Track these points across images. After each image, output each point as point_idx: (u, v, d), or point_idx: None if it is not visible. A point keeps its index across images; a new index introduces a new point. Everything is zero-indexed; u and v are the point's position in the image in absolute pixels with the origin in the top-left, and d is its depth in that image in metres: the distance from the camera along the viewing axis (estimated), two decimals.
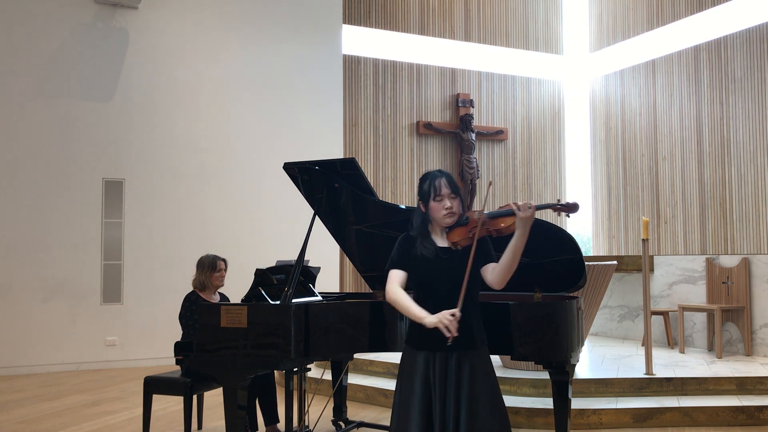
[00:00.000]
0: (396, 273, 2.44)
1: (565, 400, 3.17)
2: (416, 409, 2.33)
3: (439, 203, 2.41)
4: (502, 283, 2.38)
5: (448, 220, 2.42)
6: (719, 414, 4.52)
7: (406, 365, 2.43)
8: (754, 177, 7.86)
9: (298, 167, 3.67)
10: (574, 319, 3.21)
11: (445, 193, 2.40)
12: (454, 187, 2.43)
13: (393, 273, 2.45)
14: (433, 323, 2.25)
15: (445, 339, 2.22)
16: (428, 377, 2.36)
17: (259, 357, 3.25)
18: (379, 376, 5.58)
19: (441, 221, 2.43)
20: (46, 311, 7.05)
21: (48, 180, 7.18)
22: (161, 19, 7.75)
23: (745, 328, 6.06)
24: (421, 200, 2.48)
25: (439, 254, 2.42)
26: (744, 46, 8.02)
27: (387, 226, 3.68)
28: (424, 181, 2.47)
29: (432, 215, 2.44)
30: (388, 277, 2.45)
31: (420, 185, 2.50)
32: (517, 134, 10.16)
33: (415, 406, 2.33)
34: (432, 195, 2.42)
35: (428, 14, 9.71)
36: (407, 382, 2.39)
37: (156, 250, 7.50)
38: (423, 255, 2.41)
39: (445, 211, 2.41)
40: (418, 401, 2.33)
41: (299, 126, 8.32)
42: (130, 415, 4.99)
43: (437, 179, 2.43)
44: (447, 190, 2.41)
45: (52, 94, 7.26)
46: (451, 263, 2.39)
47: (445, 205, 2.41)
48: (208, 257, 4.30)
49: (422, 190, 2.47)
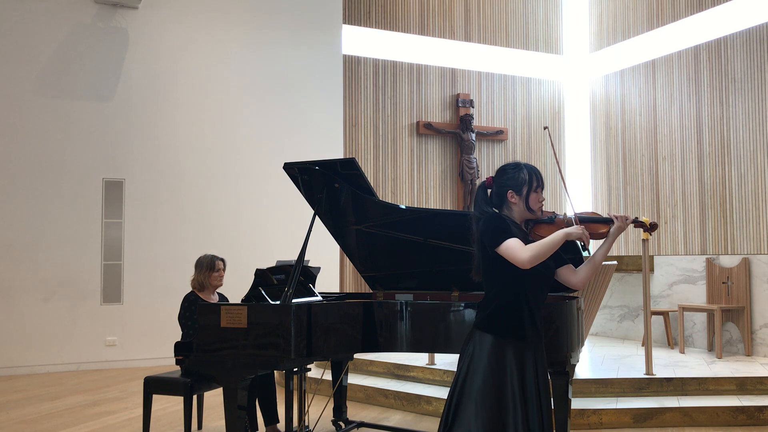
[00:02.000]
0: (514, 241, 2.32)
1: (565, 400, 3.17)
2: (510, 397, 2.31)
3: (538, 194, 2.47)
4: (585, 284, 2.56)
5: (540, 213, 2.50)
6: (719, 414, 4.52)
7: (493, 353, 2.35)
8: (754, 177, 7.86)
9: (298, 167, 3.67)
10: (574, 319, 3.21)
11: (543, 185, 2.49)
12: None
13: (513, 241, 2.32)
14: (578, 233, 2.35)
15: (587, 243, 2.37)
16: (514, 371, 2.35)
17: (259, 357, 3.25)
18: (379, 376, 5.58)
19: (537, 212, 2.49)
20: (46, 311, 7.05)
21: (48, 180, 7.18)
22: (161, 19, 7.75)
23: (745, 328, 6.06)
24: (512, 189, 2.46)
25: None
26: (744, 46, 8.02)
27: (387, 227, 3.68)
28: (519, 170, 2.48)
29: (530, 205, 2.47)
30: (513, 248, 2.31)
31: (513, 174, 2.47)
32: (517, 134, 10.16)
33: (508, 395, 2.31)
34: (534, 185, 2.45)
35: (428, 14, 9.71)
36: (497, 372, 2.33)
37: (156, 250, 7.50)
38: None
39: (540, 203, 2.49)
40: (510, 390, 2.32)
41: (299, 126, 8.31)
42: (130, 415, 4.99)
43: (536, 171, 2.49)
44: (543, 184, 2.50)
45: (52, 94, 7.26)
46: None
47: (541, 197, 2.49)
48: (206, 257, 4.30)
49: (518, 179, 2.45)
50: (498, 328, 2.38)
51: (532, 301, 2.40)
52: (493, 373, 2.33)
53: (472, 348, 2.40)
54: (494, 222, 2.41)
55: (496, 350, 2.36)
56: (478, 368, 2.35)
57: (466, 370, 2.37)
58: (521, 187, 2.45)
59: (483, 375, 2.33)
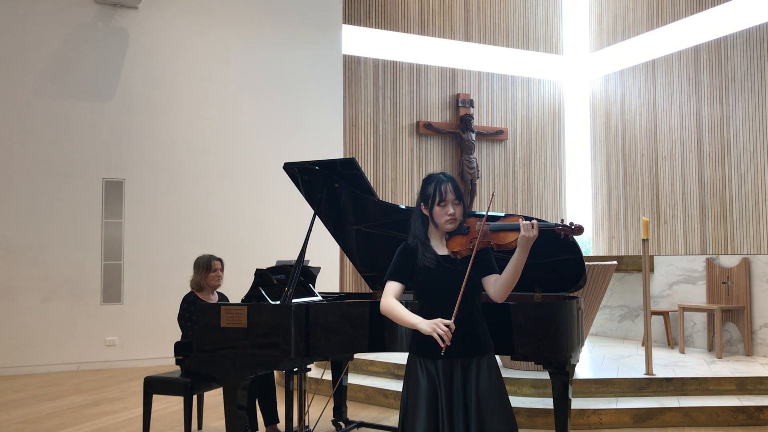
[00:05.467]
0: (391, 285, 2.41)
1: (565, 400, 3.17)
2: (422, 415, 2.30)
3: (442, 208, 2.38)
4: (503, 297, 2.37)
5: (450, 226, 2.39)
6: (719, 414, 4.52)
7: (411, 373, 2.39)
8: (754, 177, 7.86)
9: (298, 167, 3.67)
10: (574, 319, 3.21)
11: (450, 198, 2.37)
12: (458, 194, 2.39)
13: (389, 285, 2.41)
14: (427, 331, 2.23)
15: (449, 345, 2.20)
16: (434, 384, 2.33)
17: (259, 357, 3.25)
18: (379, 376, 5.58)
19: (443, 227, 2.40)
20: (46, 311, 7.05)
21: (48, 180, 7.18)
22: (161, 19, 7.75)
23: (745, 328, 6.06)
24: (423, 203, 2.43)
25: (441, 263, 2.38)
26: (744, 46, 8.02)
27: (387, 226, 3.68)
28: (429, 183, 2.43)
29: (435, 219, 2.41)
30: (384, 289, 2.42)
31: (423, 187, 2.45)
32: (517, 134, 10.16)
33: (421, 413, 2.30)
34: (437, 199, 2.38)
35: (428, 14, 9.71)
36: (413, 391, 2.36)
37: (156, 250, 7.50)
38: (425, 265, 2.37)
39: (448, 217, 2.37)
40: (424, 407, 2.30)
41: (299, 126, 8.31)
42: (130, 415, 4.98)
43: (443, 183, 2.39)
44: (452, 196, 2.37)
45: (52, 94, 7.26)
46: (453, 272, 2.36)
47: (449, 211, 2.37)
48: (203, 258, 4.29)
49: (425, 193, 2.42)
50: (411, 346, 2.44)
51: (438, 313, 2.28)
52: (408, 390, 2.40)
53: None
54: (395, 256, 2.45)
55: (410, 367, 2.41)
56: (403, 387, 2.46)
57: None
58: (427, 201, 2.41)
59: (402, 394, 2.45)
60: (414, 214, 2.49)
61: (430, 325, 2.22)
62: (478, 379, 2.33)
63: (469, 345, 2.35)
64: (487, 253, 2.42)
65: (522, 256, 2.28)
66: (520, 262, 2.28)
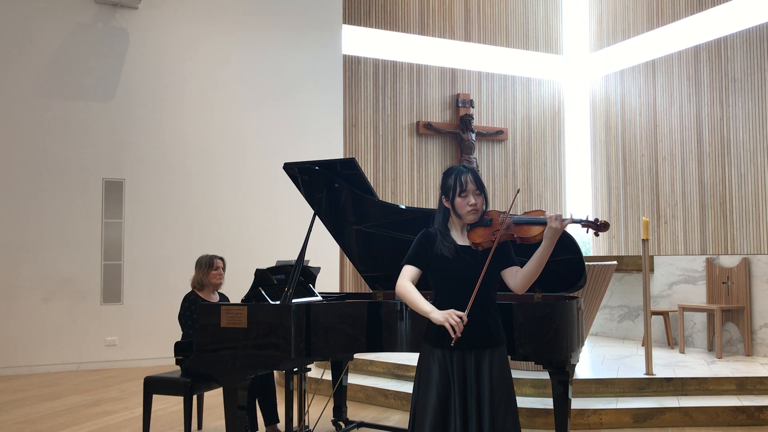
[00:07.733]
0: (409, 269, 2.41)
1: (565, 400, 3.16)
2: (433, 406, 2.31)
3: (463, 199, 2.39)
4: (524, 289, 2.39)
5: (471, 216, 2.40)
6: (719, 414, 4.52)
7: (424, 363, 2.40)
8: (754, 177, 7.86)
9: (298, 167, 3.67)
10: (574, 319, 3.21)
11: (471, 189, 2.39)
12: (479, 184, 2.41)
13: (406, 268, 2.42)
14: (439, 321, 2.25)
15: (460, 337, 2.22)
16: (447, 375, 2.34)
17: (259, 357, 3.25)
18: (379, 376, 5.58)
19: (465, 218, 2.41)
20: (46, 311, 7.05)
21: (48, 180, 7.18)
22: (161, 19, 7.75)
23: (745, 328, 6.06)
24: (444, 195, 2.45)
25: (460, 253, 2.39)
26: (744, 46, 8.02)
27: (387, 226, 3.67)
28: (449, 175, 2.44)
29: (457, 210, 2.42)
30: (401, 272, 2.42)
31: (444, 179, 2.46)
32: (517, 134, 10.16)
33: (431, 404, 2.31)
34: (458, 190, 2.39)
35: (428, 14, 9.71)
36: (425, 381, 2.37)
37: (156, 250, 7.50)
38: (443, 254, 2.38)
39: (470, 207, 2.39)
40: (435, 399, 2.31)
41: (299, 126, 8.31)
42: (130, 415, 4.98)
43: (463, 174, 2.41)
44: (473, 186, 2.39)
45: (52, 94, 7.26)
46: (471, 263, 2.37)
47: (470, 201, 2.39)
48: (205, 256, 4.31)
49: (446, 185, 2.44)
50: (425, 335, 2.45)
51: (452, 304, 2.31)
52: (420, 380, 2.41)
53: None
54: (415, 241, 2.45)
55: (423, 357, 2.42)
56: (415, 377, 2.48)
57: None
58: (449, 193, 2.42)
59: (414, 383, 2.47)
60: (438, 208, 2.51)
61: (443, 315, 2.24)
62: (491, 371, 2.35)
63: (483, 337, 2.37)
64: (507, 245, 2.44)
65: (547, 250, 2.31)
66: (545, 255, 2.32)
